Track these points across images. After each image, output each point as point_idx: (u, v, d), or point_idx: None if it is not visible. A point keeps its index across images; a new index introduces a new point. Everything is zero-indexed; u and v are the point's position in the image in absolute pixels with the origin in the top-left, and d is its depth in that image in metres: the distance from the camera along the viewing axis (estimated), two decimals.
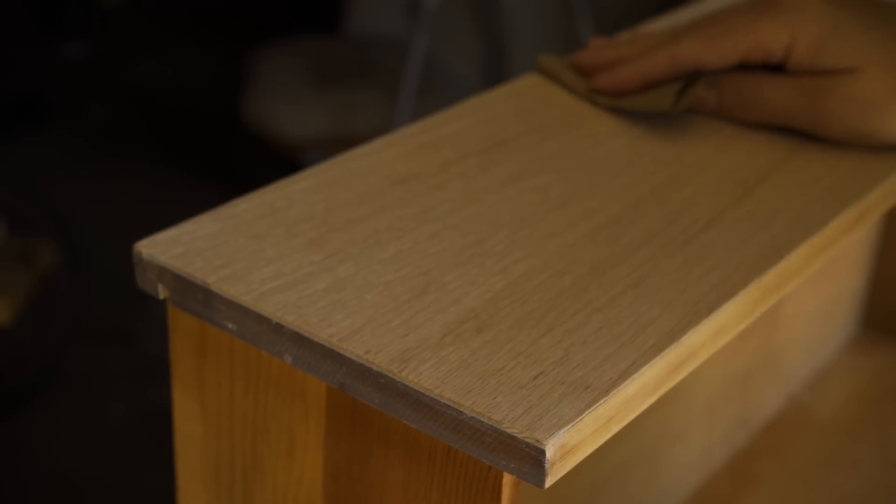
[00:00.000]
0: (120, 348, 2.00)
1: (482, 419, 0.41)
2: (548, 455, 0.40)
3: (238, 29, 3.17)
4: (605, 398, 0.42)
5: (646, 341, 0.45)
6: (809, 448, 0.88)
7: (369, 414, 0.47)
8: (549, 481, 0.40)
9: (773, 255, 0.51)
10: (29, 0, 2.73)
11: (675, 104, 0.61)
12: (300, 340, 0.45)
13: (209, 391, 0.53)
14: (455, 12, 2.53)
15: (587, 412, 0.41)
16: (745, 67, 0.62)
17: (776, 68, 0.62)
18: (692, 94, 0.61)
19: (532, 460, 0.40)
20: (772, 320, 0.84)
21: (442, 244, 0.51)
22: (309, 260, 0.50)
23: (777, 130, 0.62)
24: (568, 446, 0.41)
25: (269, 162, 2.39)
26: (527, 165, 0.58)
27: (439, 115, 0.62)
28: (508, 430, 0.40)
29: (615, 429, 0.43)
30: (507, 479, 0.43)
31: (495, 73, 2.59)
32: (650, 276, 0.49)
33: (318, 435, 0.50)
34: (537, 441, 0.40)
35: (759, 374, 0.86)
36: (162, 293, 0.50)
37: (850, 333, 1.00)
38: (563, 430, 0.40)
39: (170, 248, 0.50)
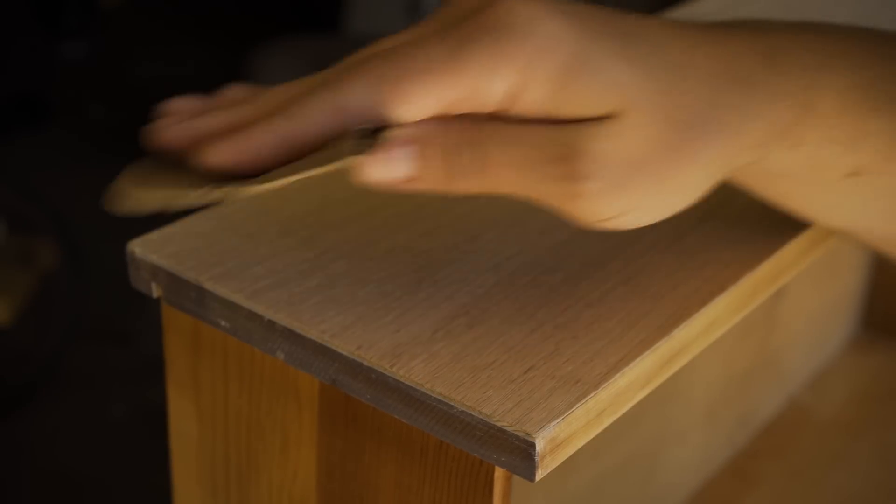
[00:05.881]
0: (120, 348, 2.00)
1: (472, 413, 0.41)
2: (538, 448, 0.40)
3: (238, 29, 3.17)
4: (595, 392, 0.42)
5: (636, 336, 0.45)
6: (809, 448, 0.88)
7: (362, 410, 0.47)
8: (540, 475, 0.40)
9: (766, 250, 0.51)
10: (29, 0, 2.73)
11: (351, 154, 0.40)
12: (292, 337, 0.45)
13: (204, 390, 0.53)
14: None
15: (577, 405, 0.41)
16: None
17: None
18: (371, 144, 0.40)
19: (522, 453, 0.40)
20: (771, 320, 0.84)
21: (434, 241, 0.51)
22: (301, 258, 0.50)
23: None
24: (558, 439, 0.41)
25: None
26: None
27: None
28: (498, 424, 0.40)
29: (607, 421, 0.44)
30: (499, 473, 0.43)
31: None
32: (642, 272, 0.49)
33: (312, 432, 0.50)
34: (527, 434, 0.40)
35: (759, 374, 0.86)
36: (155, 292, 0.50)
37: (850, 333, 1.00)
38: (553, 424, 0.40)
39: (163, 247, 0.50)
